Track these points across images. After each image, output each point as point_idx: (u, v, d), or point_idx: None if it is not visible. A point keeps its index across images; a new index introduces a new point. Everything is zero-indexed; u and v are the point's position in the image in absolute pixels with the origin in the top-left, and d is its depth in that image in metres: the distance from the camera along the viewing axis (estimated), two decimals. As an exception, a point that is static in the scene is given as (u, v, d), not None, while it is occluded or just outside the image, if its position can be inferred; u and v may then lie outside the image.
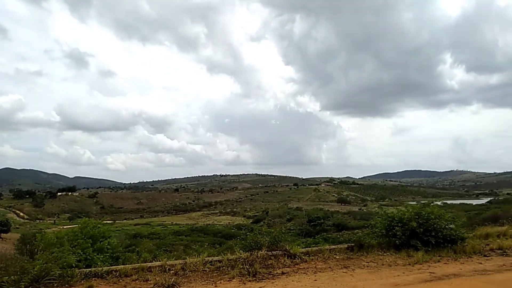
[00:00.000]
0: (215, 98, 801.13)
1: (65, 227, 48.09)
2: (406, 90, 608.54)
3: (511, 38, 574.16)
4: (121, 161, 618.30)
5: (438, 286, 5.68)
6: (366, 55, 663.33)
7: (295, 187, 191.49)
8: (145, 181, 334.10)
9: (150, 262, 7.19)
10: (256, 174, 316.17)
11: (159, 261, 7.02)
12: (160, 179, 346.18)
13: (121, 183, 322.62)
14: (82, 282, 5.92)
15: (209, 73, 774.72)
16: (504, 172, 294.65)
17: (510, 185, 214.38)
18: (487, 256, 8.13)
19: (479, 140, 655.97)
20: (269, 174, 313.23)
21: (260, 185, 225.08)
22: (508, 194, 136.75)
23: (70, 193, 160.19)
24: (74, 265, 6.21)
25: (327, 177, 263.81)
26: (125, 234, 50.64)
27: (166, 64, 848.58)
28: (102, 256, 9.99)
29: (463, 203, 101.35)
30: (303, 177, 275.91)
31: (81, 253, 8.83)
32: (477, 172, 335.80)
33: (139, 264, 6.71)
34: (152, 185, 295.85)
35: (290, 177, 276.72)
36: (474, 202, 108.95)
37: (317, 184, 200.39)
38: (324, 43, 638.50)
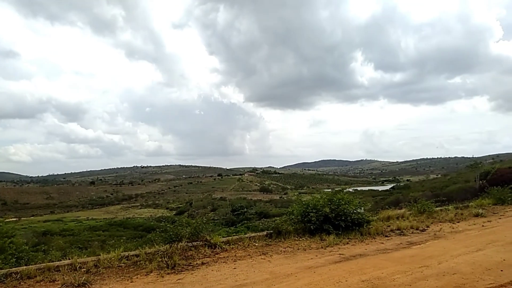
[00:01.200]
0: (135, 86, 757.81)
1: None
2: (323, 85, 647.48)
3: (411, 41, 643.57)
4: (27, 152, 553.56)
5: (346, 266, 6.17)
6: (287, 49, 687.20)
7: (219, 177, 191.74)
8: (55, 173, 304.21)
9: (58, 261, 6.61)
10: (180, 165, 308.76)
11: (69, 259, 6.50)
12: (73, 172, 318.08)
13: (27, 176, 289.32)
14: (-26, 288, 5.24)
15: (128, 58, 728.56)
16: (405, 161, 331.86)
17: (409, 172, 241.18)
18: (388, 237, 9.07)
19: (385, 133, 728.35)
20: (193, 165, 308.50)
21: (183, 176, 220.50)
22: (407, 180, 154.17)
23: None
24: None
25: (251, 167, 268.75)
26: (32, 232, 45.72)
27: (79, 47, 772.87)
28: (1, 257, 8.89)
29: (371, 189, 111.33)
30: (227, 168, 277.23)
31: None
32: (383, 161, 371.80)
33: (45, 264, 6.13)
34: (64, 178, 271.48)
35: (214, 167, 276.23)
36: (380, 188, 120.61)
37: (240, 174, 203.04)
38: (247, 34, 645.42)
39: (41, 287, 5.33)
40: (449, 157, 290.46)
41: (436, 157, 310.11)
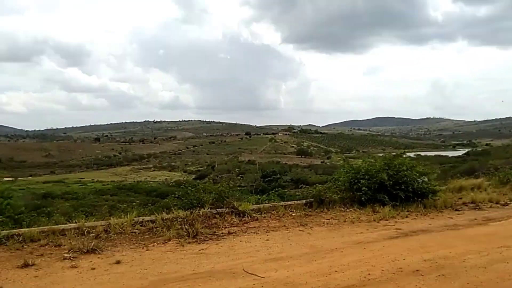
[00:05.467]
0: (146, 23, 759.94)
1: None
2: (383, 22, 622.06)
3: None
4: (21, 102, 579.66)
5: (404, 243, 6.21)
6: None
7: (247, 136, 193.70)
8: (55, 128, 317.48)
9: (63, 224, 7.06)
10: (200, 120, 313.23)
11: (76, 222, 6.91)
12: (75, 126, 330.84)
13: (22, 130, 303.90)
14: (-26, 249, 5.73)
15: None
16: (485, 120, 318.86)
17: (490, 135, 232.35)
18: (459, 210, 9.00)
19: (461, 84, 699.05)
20: (216, 121, 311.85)
21: (204, 134, 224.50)
22: (487, 145, 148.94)
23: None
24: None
25: (286, 125, 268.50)
26: (31, 194, 48.80)
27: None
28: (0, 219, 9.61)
29: (439, 155, 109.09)
30: (257, 125, 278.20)
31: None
32: (456, 120, 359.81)
33: (48, 227, 6.57)
34: (64, 133, 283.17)
35: (241, 124, 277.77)
36: (451, 153, 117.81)
37: (273, 133, 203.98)
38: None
39: (45, 252, 5.72)
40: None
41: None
